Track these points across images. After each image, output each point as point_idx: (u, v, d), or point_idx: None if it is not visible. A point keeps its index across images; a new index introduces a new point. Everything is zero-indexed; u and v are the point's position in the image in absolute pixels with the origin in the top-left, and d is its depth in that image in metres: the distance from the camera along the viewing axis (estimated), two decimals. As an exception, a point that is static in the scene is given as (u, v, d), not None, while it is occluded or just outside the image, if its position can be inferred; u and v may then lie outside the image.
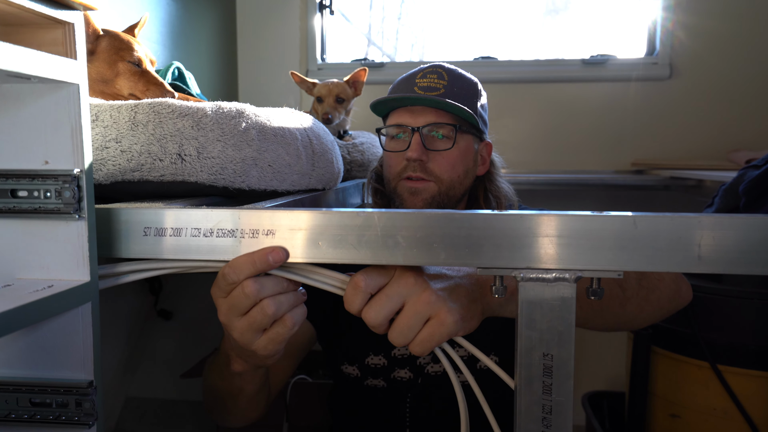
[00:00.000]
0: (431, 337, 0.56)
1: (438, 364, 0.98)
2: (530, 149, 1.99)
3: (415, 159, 0.99)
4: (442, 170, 1.01)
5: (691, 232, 0.47)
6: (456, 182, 1.02)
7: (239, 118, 0.68)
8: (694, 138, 1.89)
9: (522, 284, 0.50)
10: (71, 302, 0.50)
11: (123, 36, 0.78)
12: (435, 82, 1.02)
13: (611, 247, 0.48)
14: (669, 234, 0.47)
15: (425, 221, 0.50)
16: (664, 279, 0.79)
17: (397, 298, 0.56)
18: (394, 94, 1.05)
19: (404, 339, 0.57)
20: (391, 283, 0.57)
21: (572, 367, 0.51)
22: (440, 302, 0.56)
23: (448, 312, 0.56)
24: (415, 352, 0.58)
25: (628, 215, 0.48)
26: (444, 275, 0.61)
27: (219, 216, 0.53)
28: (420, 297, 0.56)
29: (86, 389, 0.52)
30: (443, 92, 1.01)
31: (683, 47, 1.88)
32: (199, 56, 1.77)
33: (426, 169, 1.00)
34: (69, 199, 0.50)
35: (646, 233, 0.48)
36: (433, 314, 0.56)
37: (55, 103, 0.50)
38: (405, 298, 0.56)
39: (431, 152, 1.00)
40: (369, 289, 0.56)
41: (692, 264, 0.47)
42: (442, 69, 1.05)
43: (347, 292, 0.57)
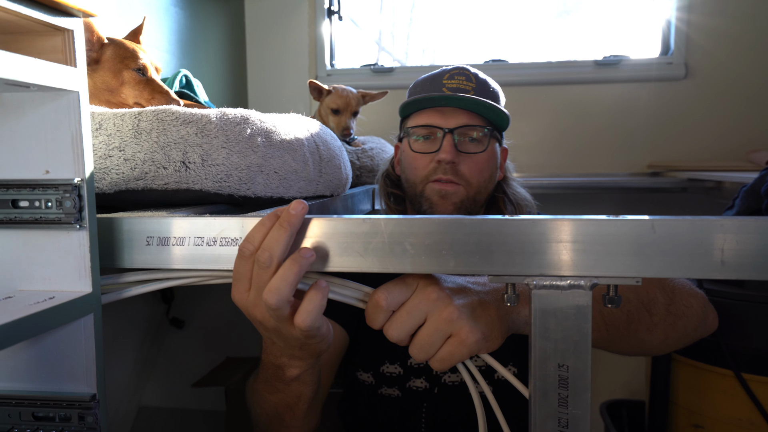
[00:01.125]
0: (451, 355, 0.55)
1: (456, 374, 0.96)
2: (543, 152, 1.96)
3: (448, 161, 0.96)
4: (472, 174, 0.98)
5: (713, 236, 0.45)
6: (482, 187, 1.01)
7: (244, 125, 0.67)
8: (712, 138, 1.85)
9: (535, 292, 0.48)
10: (73, 314, 0.49)
11: (128, 44, 0.78)
12: (464, 84, 1.00)
13: (628, 253, 0.46)
14: (689, 238, 0.45)
15: (434, 227, 0.49)
16: (692, 306, 0.76)
17: (418, 314, 0.55)
18: (424, 94, 1.01)
19: (424, 355, 0.56)
20: (413, 298, 0.55)
21: (589, 379, 0.49)
22: (462, 320, 0.55)
23: (470, 331, 0.55)
24: (435, 368, 0.56)
25: (646, 219, 0.46)
26: (468, 290, 0.58)
27: (222, 224, 0.52)
28: (442, 314, 0.54)
29: (89, 403, 0.51)
30: (473, 93, 0.99)
31: (698, 46, 1.84)
32: (208, 64, 1.77)
33: (457, 172, 0.98)
34: (70, 208, 0.49)
35: (665, 238, 0.45)
36: (454, 332, 0.55)
37: (55, 112, 0.49)
38: (427, 314, 0.55)
39: (462, 155, 0.98)
40: (390, 307, 0.55)
41: (715, 270, 0.45)
42: (468, 71, 1.02)
43: (368, 309, 0.56)
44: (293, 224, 0.50)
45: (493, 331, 0.57)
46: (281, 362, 0.64)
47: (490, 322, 0.57)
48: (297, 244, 0.51)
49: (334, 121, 1.26)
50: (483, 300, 0.58)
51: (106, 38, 0.76)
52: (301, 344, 0.57)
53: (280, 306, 0.50)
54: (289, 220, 0.50)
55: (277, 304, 0.50)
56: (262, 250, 0.50)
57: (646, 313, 0.72)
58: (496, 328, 0.57)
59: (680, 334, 0.76)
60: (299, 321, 0.52)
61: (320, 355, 0.63)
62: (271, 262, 0.49)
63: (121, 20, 1.21)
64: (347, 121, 1.25)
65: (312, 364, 0.65)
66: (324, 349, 0.60)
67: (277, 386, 0.69)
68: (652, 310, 0.72)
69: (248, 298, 0.53)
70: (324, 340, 0.58)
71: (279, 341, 0.59)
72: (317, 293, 0.52)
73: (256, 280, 0.51)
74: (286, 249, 0.50)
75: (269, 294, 0.50)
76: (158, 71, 0.82)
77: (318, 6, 2.00)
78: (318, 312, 0.52)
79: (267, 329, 0.56)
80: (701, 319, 0.78)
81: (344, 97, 1.25)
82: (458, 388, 0.95)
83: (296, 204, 0.51)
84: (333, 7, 2.04)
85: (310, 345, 0.58)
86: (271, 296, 0.50)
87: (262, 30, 2.03)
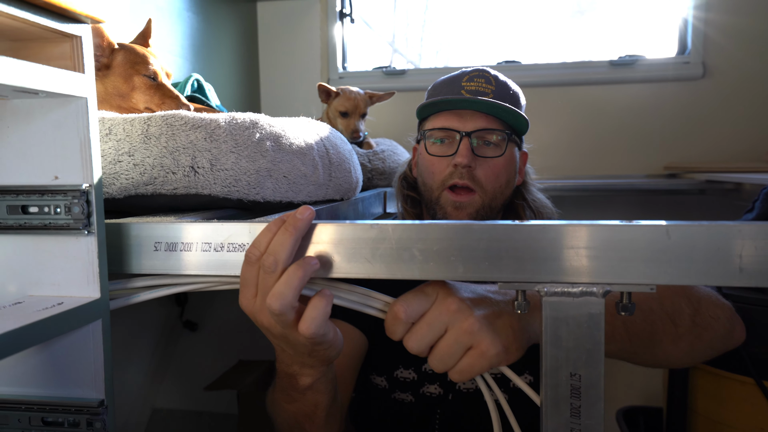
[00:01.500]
0: (471, 367, 0.54)
1: (471, 381, 0.95)
2: (557, 154, 1.94)
3: (465, 165, 0.94)
4: (488, 178, 0.96)
5: (730, 243, 0.43)
6: (498, 192, 0.98)
7: (253, 129, 0.67)
8: (730, 139, 1.81)
9: (546, 299, 0.47)
10: (81, 320, 0.49)
11: (138, 49, 0.78)
12: (483, 86, 0.98)
13: (642, 259, 0.45)
14: (706, 244, 0.44)
15: (442, 233, 0.48)
16: (719, 318, 0.74)
17: (438, 325, 0.54)
18: (442, 97, 1.00)
19: (443, 366, 0.55)
20: (433, 309, 0.55)
21: (602, 389, 0.47)
22: (483, 332, 0.54)
23: (490, 343, 0.54)
24: (454, 379, 0.56)
25: (661, 224, 0.44)
26: (488, 300, 0.57)
27: (230, 229, 0.52)
28: (462, 325, 0.54)
29: (97, 408, 0.51)
30: (492, 96, 0.97)
31: (716, 45, 1.81)
32: (220, 68, 1.78)
33: (473, 177, 0.96)
34: (78, 214, 0.49)
35: (681, 244, 0.44)
36: (474, 344, 0.54)
37: (64, 117, 0.49)
38: (447, 325, 0.54)
39: (479, 159, 0.96)
40: (410, 319, 0.55)
41: (733, 277, 0.43)
42: (488, 73, 1.00)
43: (387, 320, 0.56)
44: (299, 228, 0.49)
45: (514, 343, 0.56)
46: (293, 371, 0.64)
47: (511, 333, 0.56)
48: (303, 249, 0.51)
49: (342, 124, 1.26)
50: (503, 311, 0.57)
51: (116, 44, 0.76)
52: (309, 351, 0.57)
53: (283, 311, 0.50)
54: (295, 225, 0.49)
55: (280, 309, 0.50)
56: (267, 255, 0.49)
57: (671, 324, 0.70)
58: (516, 340, 0.56)
59: (706, 346, 0.74)
60: (303, 328, 0.51)
61: (330, 362, 0.63)
62: (276, 267, 0.49)
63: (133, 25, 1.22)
64: (356, 123, 1.24)
65: (324, 372, 0.64)
66: (333, 356, 0.60)
67: (292, 395, 0.69)
68: (677, 321, 0.70)
69: (255, 304, 0.53)
70: (332, 347, 0.57)
71: (288, 348, 0.58)
72: (321, 300, 0.51)
73: (262, 285, 0.51)
74: (291, 253, 0.50)
75: (273, 299, 0.49)
76: (169, 76, 0.82)
77: (330, 9, 2.00)
78: (322, 319, 0.52)
79: (274, 336, 0.56)
80: (728, 331, 0.76)
81: (352, 99, 1.25)
82: (473, 394, 0.94)
83: (303, 209, 0.50)
84: (345, 10, 2.04)
85: (318, 352, 0.57)
86: (274, 301, 0.49)
87: (275, 33, 2.04)
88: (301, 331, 0.51)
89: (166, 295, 0.56)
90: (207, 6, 1.67)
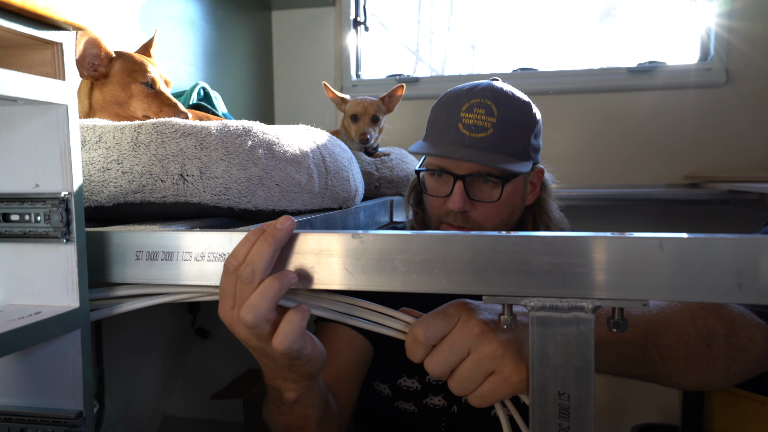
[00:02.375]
0: (492, 393, 0.52)
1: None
2: (575, 163, 1.89)
3: (458, 211, 0.91)
4: (485, 219, 0.92)
5: (728, 256, 0.41)
6: (500, 225, 0.94)
7: (245, 137, 0.66)
8: (754, 148, 1.75)
9: (533, 314, 0.45)
10: (59, 329, 0.49)
11: (137, 57, 0.78)
12: (483, 119, 0.89)
13: (634, 273, 0.42)
14: (702, 258, 0.41)
15: (424, 244, 0.46)
16: (754, 338, 0.70)
17: (460, 349, 0.52)
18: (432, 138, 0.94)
19: (463, 390, 0.53)
20: (455, 332, 0.53)
21: (593, 409, 0.45)
22: (507, 357, 0.51)
23: (514, 369, 0.51)
24: (474, 403, 0.54)
25: (654, 237, 0.42)
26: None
27: (210, 239, 0.51)
28: (485, 349, 0.52)
29: (74, 420, 0.50)
30: (491, 132, 0.89)
31: (739, 52, 1.75)
32: (234, 77, 1.80)
33: (468, 219, 0.92)
34: (57, 222, 0.49)
35: (675, 257, 0.42)
36: (497, 369, 0.52)
37: (45, 125, 0.49)
38: (469, 348, 0.52)
39: (476, 202, 0.92)
40: (430, 342, 0.53)
41: (730, 294, 0.41)
42: (491, 99, 0.91)
43: (408, 343, 0.54)
44: (278, 239, 0.48)
45: None
46: (277, 384, 0.62)
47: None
48: (284, 259, 0.50)
49: (354, 128, 1.25)
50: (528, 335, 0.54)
51: (114, 52, 0.76)
52: (287, 365, 0.55)
53: (257, 324, 0.48)
54: (274, 235, 0.48)
55: (253, 322, 0.48)
56: (245, 265, 0.48)
57: (706, 346, 0.66)
58: None
59: (742, 368, 0.69)
60: (276, 342, 0.50)
61: (313, 376, 0.61)
62: (253, 278, 0.48)
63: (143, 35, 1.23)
64: (365, 126, 1.24)
65: (308, 386, 0.63)
66: (315, 371, 0.58)
67: (281, 408, 0.67)
68: (711, 343, 0.66)
69: (232, 315, 0.51)
70: (311, 362, 0.55)
71: (267, 362, 0.57)
72: (296, 314, 0.50)
73: (239, 296, 0.50)
74: (269, 264, 0.48)
75: (246, 310, 0.48)
76: (168, 84, 0.82)
77: (344, 17, 2.01)
78: (297, 334, 0.50)
79: (252, 348, 0.54)
80: (764, 352, 0.71)
81: (361, 103, 1.25)
82: (480, 408, 0.92)
83: (284, 219, 0.49)
84: (359, 18, 2.04)
85: (297, 367, 0.55)
86: (248, 313, 0.48)
87: (289, 42, 2.05)
88: (275, 345, 0.50)
89: (148, 305, 0.55)
90: (221, 15, 1.69)
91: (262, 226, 0.50)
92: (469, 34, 2.24)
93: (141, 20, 1.24)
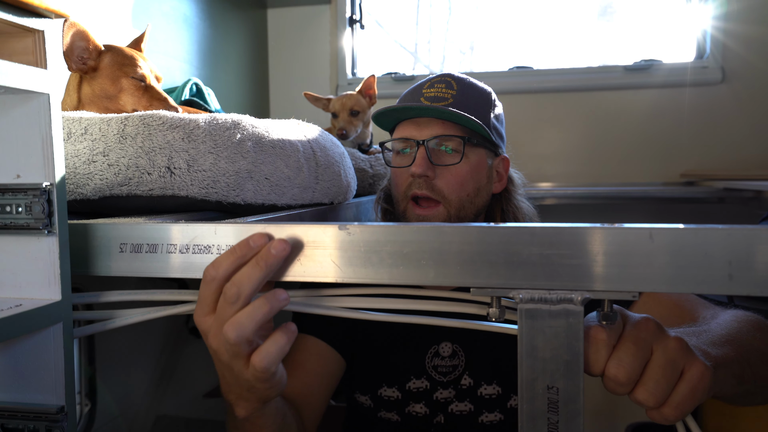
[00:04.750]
0: (693, 393, 0.46)
1: (463, 403, 0.91)
2: (571, 161, 1.89)
3: (420, 174, 0.89)
4: (450, 188, 0.90)
5: (719, 248, 0.40)
6: (466, 201, 0.92)
7: (234, 130, 0.65)
8: (750, 146, 1.75)
9: (521, 306, 0.44)
10: (40, 322, 0.48)
11: (127, 51, 0.77)
12: (443, 91, 0.93)
13: (624, 265, 0.42)
14: (692, 250, 0.40)
15: (412, 235, 0.45)
16: None
17: (644, 345, 0.46)
18: (396, 105, 0.95)
19: (660, 394, 0.46)
20: (631, 329, 0.47)
21: (582, 404, 0.44)
22: (691, 352, 0.47)
23: (703, 364, 0.46)
24: (669, 417, 0.47)
25: (644, 227, 0.41)
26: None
27: (195, 231, 0.50)
28: (669, 343, 0.46)
29: (56, 415, 0.49)
30: (451, 102, 0.91)
31: (735, 51, 1.75)
32: (229, 74, 1.79)
33: (432, 187, 0.90)
34: (39, 214, 0.48)
35: (665, 248, 0.41)
36: (687, 365, 0.46)
37: (26, 114, 0.48)
38: (651, 345, 0.47)
39: (438, 167, 0.90)
40: (613, 341, 0.46)
41: (722, 285, 0.40)
42: (451, 78, 0.95)
43: (589, 349, 0.46)
44: (270, 265, 0.46)
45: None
46: (230, 399, 0.58)
47: (702, 354, 0.49)
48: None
49: (335, 125, 1.25)
50: (682, 334, 0.51)
51: (103, 46, 0.75)
52: (249, 386, 0.53)
53: (238, 342, 0.47)
54: (267, 261, 0.46)
55: (236, 340, 0.46)
56: (231, 284, 0.46)
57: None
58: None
59: None
60: (256, 360, 0.48)
61: (267, 401, 0.58)
62: (237, 299, 0.46)
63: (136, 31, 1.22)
64: (341, 122, 1.23)
65: (259, 407, 0.59)
66: (272, 396, 0.56)
67: (234, 422, 0.64)
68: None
69: (208, 324, 0.50)
70: (274, 387, 0.53)
71: (229, 377, 0.54)
72: (283, 336, 0.48)
73: (220, 311, 0.48)
74: (257, 289, 0.47)
75: (230, 327, 0.46)
76: (159, 80, 0.81)
77: (339, 15, 2.00)
78: (278, 356, 0.48)
79: (220, 361, 0.52)
80: None
81: (338, 99, 1.25)
82: (467, 417, 0.91)
83: (279, 244, 0.46)
84: (355, 16, 2.03)
85: (258, 390, 0.53)
86: (231, 330, 0.46)
87: (285, 40, 2.04)
88: (253, 362, 0.48)
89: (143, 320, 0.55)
90: (216, 13, 1.68)
91: (249, 240, 0.47)
92: (468, 33, 2.23)
93: (134, 16, 1.23)
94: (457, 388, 0.92)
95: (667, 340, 0.47)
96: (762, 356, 0.61)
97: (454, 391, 0.92)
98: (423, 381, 0.92)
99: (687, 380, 0.46)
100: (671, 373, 0.46)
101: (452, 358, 0.92)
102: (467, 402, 0.91)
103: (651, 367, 0.46)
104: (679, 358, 0.46)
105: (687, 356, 0.46)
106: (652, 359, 0.46)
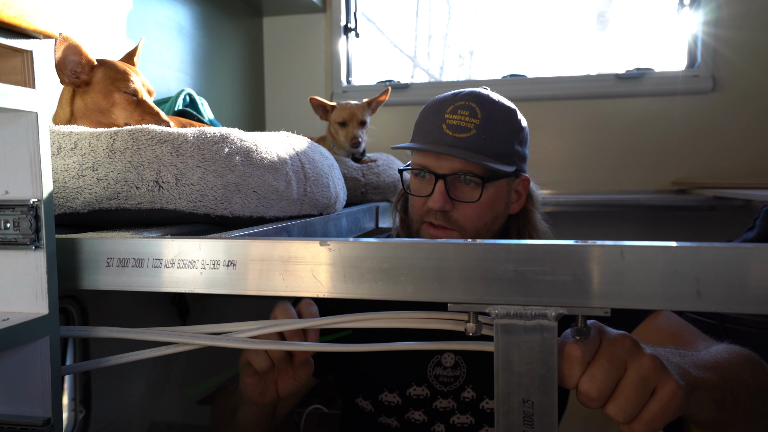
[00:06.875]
0: (664, 411, 0.47)
1: (465, 416, 0.92)
2: (563, 169, 1.90)
3: (438, 210, 0.90)
4: (466, 220, 0.90)
5: (687, 265, 0.41)
6: (482, 230, 0.92)
7: (222, 144, 0.67)
8: (740, 154, 1.76)
9: (497, 321, 0.45)
10: (27, 336, 0.49)
11: (119, 66, 0.78)
12: (466, 120, 0.90)
13: (597, 281, 0.43)
14: (662, 266, 0.41)
15: (391, 251, 0.46)
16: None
17: (618, 362, 0.48)
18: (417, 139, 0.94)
19: (631, 410, 0.47)
20: (606, 345, 0.49)
21: (556, 417, 0.45)
22: (665, 370, 0.48)
23: (676, 383, 0.47)
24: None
25: (614, 245, 0.42)
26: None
27: (180, 246, 0.51)
28: (643, 361, 0.48)
29: (42, 428, 0.50)
30: (474, 133, 0.89)
31: (726, 59, 1.77)
32: (224, 83, 1.80)
33: (449, 219, 0.91)
34: (26, 229, 0.49)
35: (636, 266, 0.42)
36: (660, 384, 0.48)
37: (14, 133, 0.49)
38: (625, 362, 0.48)
39: (456, 202, 0.91)
40: (587, 357, 0.48)
41: (690, 301, 0.41)
42: (475, 102, 0.91)
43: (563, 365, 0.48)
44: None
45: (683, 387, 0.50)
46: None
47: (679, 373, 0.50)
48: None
49: (342, 134, 1.26)
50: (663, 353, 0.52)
51: (96, 60, 0.76)
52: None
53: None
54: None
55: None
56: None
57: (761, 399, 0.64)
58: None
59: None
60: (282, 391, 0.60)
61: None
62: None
63: (130, 42, 1.23)
64: (354, 131, 1.24)
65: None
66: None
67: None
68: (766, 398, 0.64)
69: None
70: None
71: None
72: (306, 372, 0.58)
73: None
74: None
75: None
76: (151, 93, 0.82)
77: (334, 23, 2.02)
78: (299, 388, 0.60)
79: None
80: None
81: (348, 108, 1.26)
82: (467, 430, 0.92)
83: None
84: (350, 24, 2.05)
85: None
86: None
87: (280, 48, 2.05)
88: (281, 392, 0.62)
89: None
90: (211, 22, 1.69)
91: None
92: (467, 40, 2.25)
93: (129, 26, 1.25)
94: (458, 400, 0.92)
95: (642, 358, 0.48)
96: (748, 389, 0.62)
97: (455, 402, 0.92)
98: (424, 389, 0.93)
99: (658, 398, 0.47)
100: (643, 390, 0.47)
101: (454, 368, 0.93)
102: (469, 415, 0.92)
103: (623, 384, 0.47)
104: (652, 376, 0.47)
105: (660, 374, 0.47)
106: (626, 376, 0.47)
